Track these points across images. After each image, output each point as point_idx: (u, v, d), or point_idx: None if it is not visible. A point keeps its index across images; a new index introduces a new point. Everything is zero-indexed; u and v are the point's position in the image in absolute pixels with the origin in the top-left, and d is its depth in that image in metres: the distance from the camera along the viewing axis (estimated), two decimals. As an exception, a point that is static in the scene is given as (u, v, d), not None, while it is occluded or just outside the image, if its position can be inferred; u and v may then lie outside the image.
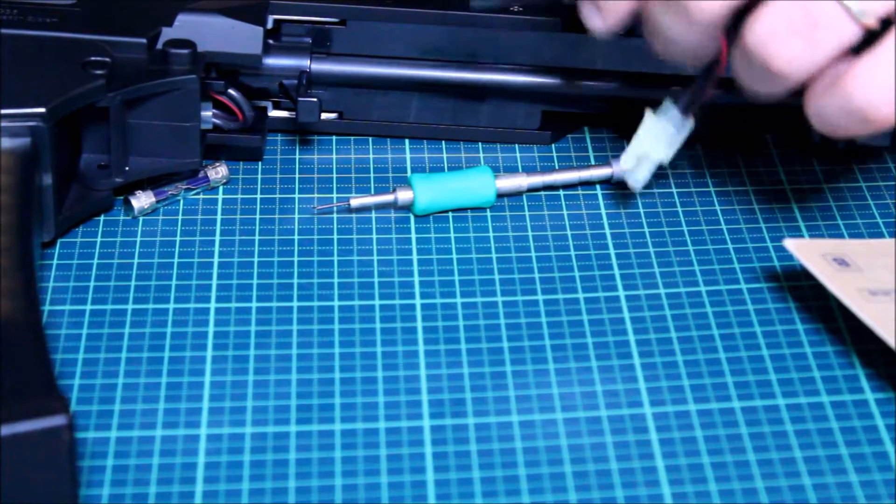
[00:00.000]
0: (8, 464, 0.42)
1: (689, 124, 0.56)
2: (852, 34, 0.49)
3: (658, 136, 0.57)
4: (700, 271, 0.57)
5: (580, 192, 0.61)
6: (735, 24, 0.51)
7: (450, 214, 0.59)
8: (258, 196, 0.60)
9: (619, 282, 0.56)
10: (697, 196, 0.60)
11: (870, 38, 0.49)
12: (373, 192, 0.60)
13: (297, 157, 0.62)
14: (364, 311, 0.54)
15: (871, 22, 0.48)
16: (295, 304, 0.54)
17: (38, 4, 0.58)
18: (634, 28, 0.56)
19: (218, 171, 0.60)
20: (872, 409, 0.51)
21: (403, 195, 0.59)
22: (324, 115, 0.63)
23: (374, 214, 0.59)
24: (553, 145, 0.63)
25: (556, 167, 0.62)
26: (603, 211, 0.60)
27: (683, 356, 0.53)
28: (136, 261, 0.56)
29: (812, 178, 0.62)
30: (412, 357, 0.52)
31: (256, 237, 0.58)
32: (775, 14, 0.49)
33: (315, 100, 0.59)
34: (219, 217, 0.58)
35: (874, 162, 0.63)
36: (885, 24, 0.49)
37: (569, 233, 0.59)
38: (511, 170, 0.62)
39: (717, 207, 0.60)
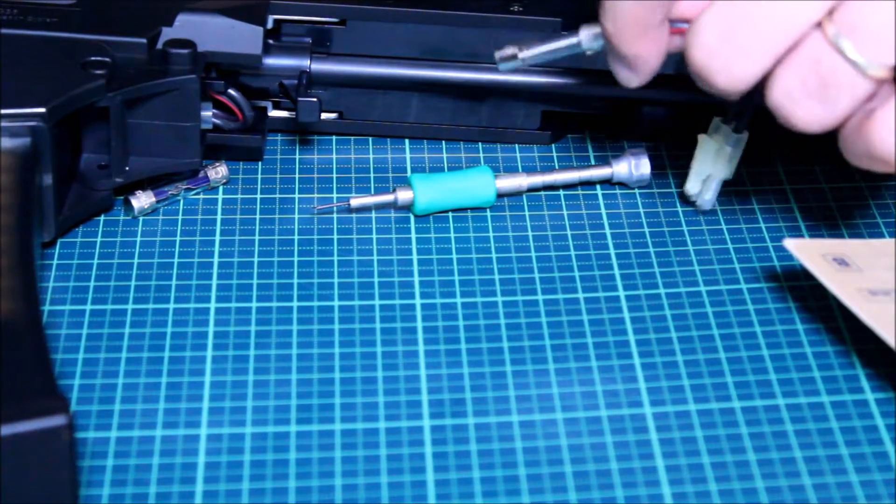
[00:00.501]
0: (8, 464, 0.42)
1: (744, 137, 0.58)
2: (865, 88, 0.49)
3: (716, 157, 0.58)
4: (700, 271, 0.57)
5: (580, 192, 0.61)
6: None
7: (450, 214, 0.59)
8: (258, 196, 0.60)
9: (619, 282, 0.56)
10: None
11: None
12: (373, 192, 0.60)
13: (297, 157, 0.62)
14: (364, 311, 0.54)
15: (881, 73, 0.48)
16: (295, 304, 0.54)
17: (38, 4, 0.58)
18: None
19: (218, 171, 0.60)
20: (872, 409, 0.51)
21: (403, 195, 0.59)
22: (324, 115, 0.63)
23: (374, 214, 0.59)
24: (553, 145, 0.63)
25: (556, 167, 0.62)
26: (603, 211, 0.60)
27: (683, 356, 0.53)
28: (136, 261, 0.56)
29: (812, 178, 0.62)
30: (412, 357, 0.52)
31: (256, 237, 0.58)
32: (788, 76, 0.50)
33: (315, 100, 0.59)
34: (219, 217, 0.58)
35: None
36: None
37: (569, 233, 0.59)
38: (511, 170, 0.62)
39: (718, 207, 0.60)
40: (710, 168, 0.58)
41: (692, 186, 0.59)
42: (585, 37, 0.55)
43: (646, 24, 0.52)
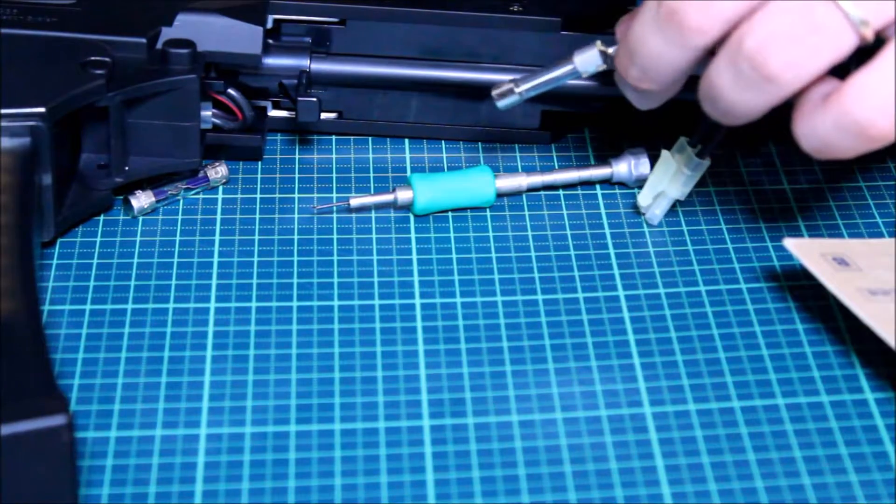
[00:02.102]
0: (8, 464, 0.42)
1: (705, 164, 0.58)
2: (850, 44, 0.48)
3: (674, 176, 0.58)
4: (700, 271, 0.57)
5: (580, 192, 0.61)
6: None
7: (450, 214, 0.59)
8: (258, 196, 0.60)
9: (619, 282, 0.56)
10: (697, 196, 0.60)
11: (857, 59, 0.49)
12: (372, 191, 0.60)
13: (297, 156, 0.62)
14: (364, 310, 0.54)
15: (869, 33, 0.48)
16: (295, 303, 0.54)
17: (38, 4, 0.58)
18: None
19: (218, 171, 0.60)
20: (872, 409, 0.51)
21: (403, 195, 0.59)
22: (324, 115, 0.63)
23: (373, 214, 0.59)
24: (553, 145, 0.63)
25: (556, 167, 0.62)
26: (603, 211, 0.60)
27: (683, 356, 0.53)
28: (135, 261, 0.56)
29: (812, 178, 0.62)
30: (412, 357, 0.52)
31: (256, 237, 0.58)
32: (775, 17, 0.49)
33: (315, 99, 0.59)
34: (219, 217, 0.58)
35: (874, 162, 0.63)
36: (877, 41, 0.49)
37: (569, 233, 0.59)
38: (511, 170, 0.62)
39: (717, 207, 0.60)
40: (664, 185, 0.58)
41: (643, 199, 0.59)
42: (581, 63, 0.56)
43: (683, 73, 0.52)
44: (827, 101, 0.49)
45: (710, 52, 0.51)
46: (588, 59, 0.56)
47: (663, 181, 0.58)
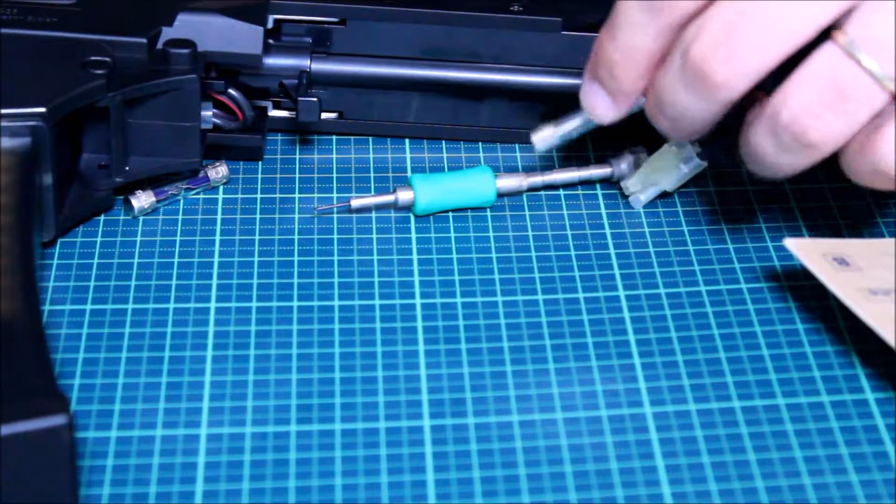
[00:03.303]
0: (8, 464, 0.42)
1: (703, 165, 0.58)
2: (882, 101, 0.49)
3: (670, 170, 0.58)
4: (700, 271, 0.57)
5: (580, 191, 0.61)
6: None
7: (450, 214, 0.59)
8: (258, 196, 0.60)
9: (619, 282, 0.56)
10: (697, 196, 0.60)
11: None
12: (373, 192, 0.60)
13: (297, 156, 0.62)
14: (364, 310, 0.54)
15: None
16: (295, 303, 0.54)
17: (38, 4, 0.58)
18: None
19: (218, 171, 0.60)
20: (872, 409, 0.51)
21: (404, 195, 0.59)
22: (324, 115, 0.63)
23: (374, 214, 0.59)
24: (553, 145, 0.63)
25: (556, 167, 0.62)
26: (603, 211, 0.60)
27: (683, 356, 0.53)
28: (136, 261, 0.56)
29: (812, 178, 0.62)
30: (412, 357, 0.52)
31: (256, 237, 0.58)
32: (806, 89, 0.49)
33: (315, 99, 0.59)
34: (219, 217, 0.58)
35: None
36: None
37: (569, 232, 0.59)
38: (511, 170, 0.62)
39: (717, 207, 0.60)
40: (658, 176, 0.59)
41: (634, 185, 0.59)
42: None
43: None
44: (863, 149, 0.50)
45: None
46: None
47: (658, 172, 0.59)
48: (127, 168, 0.58)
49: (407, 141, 0.63)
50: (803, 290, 0.56)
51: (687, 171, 0.58)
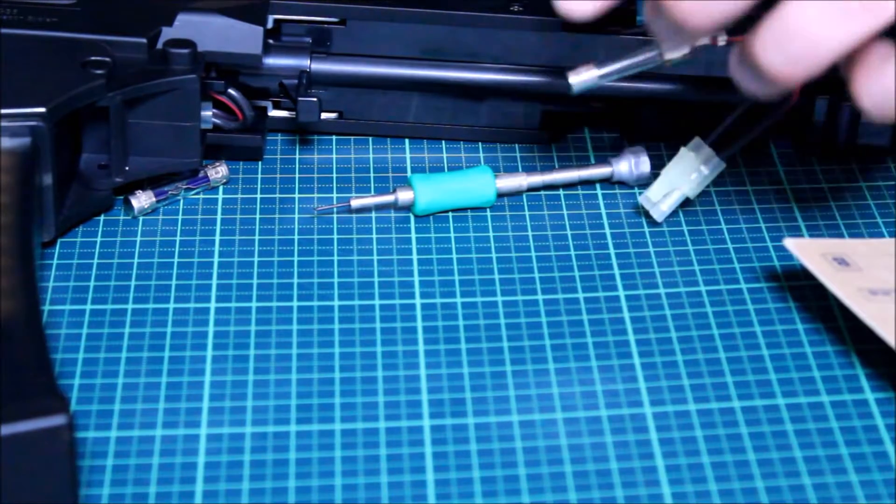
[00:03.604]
0: (8, 464, 0.42)
1: (722, 165, 0.58)
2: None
3: (689, 174, 0.58)
4: (700, 271, 0.57)
5: (580, 191, 0.61)
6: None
7: (450, 214, 0.59)
8: (258, 196, 0.60)
9: (619, 282, 0.56)
10: (698, 196, 0.60)
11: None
12: (373, 192, 0.60)
13: (297, 156, 0.62)
14: (364, 310, 0.54)
15: None
16: (295, 303, 0.54)
17: (38, 4, 0.58)
18: (631, 24, 0.57)
19: (218, 171, 0.60)
20: (872, 409, 0.51)
21: (404, 195, 0.59)
22: (324, 115, 0.63)
23: (374, 214, 0.59)
24: (553, 145, 0.63)
25: (556, 167, 0.62)
26: (603, 211, 0.60)
27: (683, 356, 0.53)
28: (136, 260, 0.56)
29: (812, 178, 0.62)
30: (412, 357, 0.52)
31: (256, 237, 0.58)
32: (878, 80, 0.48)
33: (315, 99, 0.59)
34: (219, 217, 0.58)
35: (874, 162, 0.63)
36: None
37: (569, 233, 0.59)
38: (511, 170, 0.62)
39: (717, 207, 0.60)
40: (678, 182, 0.58)
41: (655, 194, 0.58)
42: (668, 49, 0.53)
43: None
44: (886, 61, 0.47)
45: None
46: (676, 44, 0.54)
47: (680, 178, 0.58)
48: (127, 168, 0.58)
49: (407, 141, 0.63)
50: (803, 290, 0.56)
51: (708, 172, 0.57)
